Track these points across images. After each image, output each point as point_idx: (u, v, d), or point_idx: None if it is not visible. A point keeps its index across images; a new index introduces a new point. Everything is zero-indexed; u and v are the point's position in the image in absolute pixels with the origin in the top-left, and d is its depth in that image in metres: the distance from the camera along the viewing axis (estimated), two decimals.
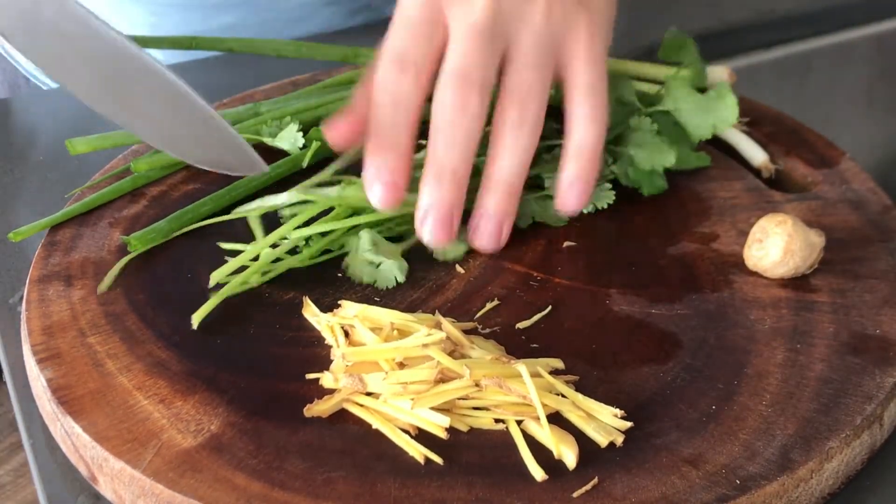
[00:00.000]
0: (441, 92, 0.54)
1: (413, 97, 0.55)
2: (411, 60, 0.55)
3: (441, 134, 0.54)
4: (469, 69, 0.54)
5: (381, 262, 0.57)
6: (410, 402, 0.47)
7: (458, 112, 0.54)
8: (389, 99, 0.55)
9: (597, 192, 0.62)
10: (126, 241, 0.58)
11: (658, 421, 0.48)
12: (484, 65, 0.55)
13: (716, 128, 0.65)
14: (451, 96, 0.54)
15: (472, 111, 0.54)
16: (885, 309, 0.55)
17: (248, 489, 0.45)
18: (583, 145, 0.57)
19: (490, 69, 0.55)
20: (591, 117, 0.57)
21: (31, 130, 0.77)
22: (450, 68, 0.55)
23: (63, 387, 0.50)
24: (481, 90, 0.54)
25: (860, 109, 0.99)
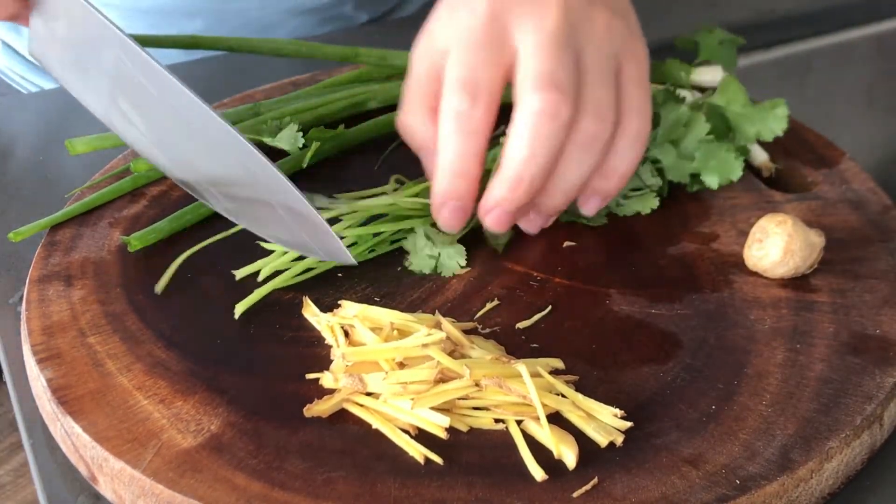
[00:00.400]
0: (529, 98, 0.52)
1: (486, 126, 0.53)
2: (483, 87, 0.53)
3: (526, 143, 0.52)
4: (557, 73, 0.52)
5: (440, 253, 0.57)
6: (410, 402, 0.47)
7: (549, 120, 0.52)
8: (463, 128, 0.53)
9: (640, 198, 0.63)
10: (126, 241, 0.58)
11: (658, 421, 0.48)
12: (569, 68, 0.53)
13: (760, 135, 0.65)
14: (542, 104, 0.52)
15: (563, 118, 0.52)
16: (885, 309, 0.55)
17: (248, 489, 0.45)
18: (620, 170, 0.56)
19: (573, 73, 0.53)
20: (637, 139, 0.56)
21: (30, 130, 0.77)
22: (534, 75, 0.52)
23: (63, 387, 0.50)
24: (571, 97, 0.53)
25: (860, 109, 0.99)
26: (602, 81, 0.54)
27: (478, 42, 0.53)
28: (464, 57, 0.53)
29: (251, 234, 0.60)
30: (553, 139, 0.53)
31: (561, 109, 0.52)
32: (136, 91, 0.56)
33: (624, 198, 0.63)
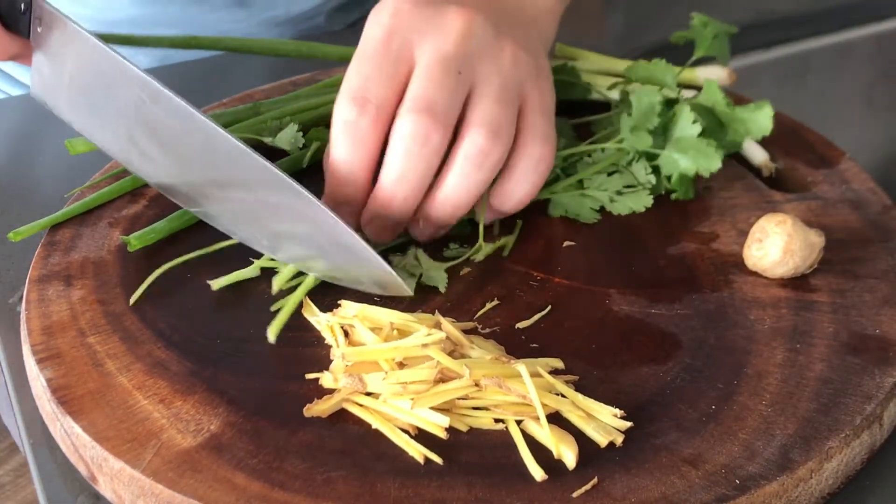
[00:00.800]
0: (402, 120, 0.53)
1: (373, 136, 0.54)
2: (372, 99, 0.54)
3: (398, 162, 0.54)
4: (434, 101, 0.53)
5: (421, 275, 0.57)
6: (410, 402, 0.47)
7: (419, 144, 0.53)
8: (350, 137, 0.54)
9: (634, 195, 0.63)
10: (125, 241, 0.58)
11: (658, 421, 0.48)
12: (452, 96, 0.54)
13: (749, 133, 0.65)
14: (412, 127, 0.53)
15: (433, 144, 0.54)
16: (884, 309, 0.55)
17: (248, 489, 0.45)
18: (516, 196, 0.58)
19: (456, 104, 0.54)
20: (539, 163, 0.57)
21: (30, 130, 0.77)
22: (413, 97, 0.53)
23: (63, 387, 0.50)
24: (443, 125, 0.54)
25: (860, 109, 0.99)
26: (500, 101, 0.55)
27: (375, 54, 0.54)
28: (358, 67, 0.55)
29: None
30: (423, 162, 0.54)
31: (431, 135, 0.53)
32: (158, 128, 0.56)
33: (618, 194, 0.63)
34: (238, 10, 0.88)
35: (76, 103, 0.60)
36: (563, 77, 0.70)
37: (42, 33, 0.57)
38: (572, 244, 0.60)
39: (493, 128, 0.54)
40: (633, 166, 0.63)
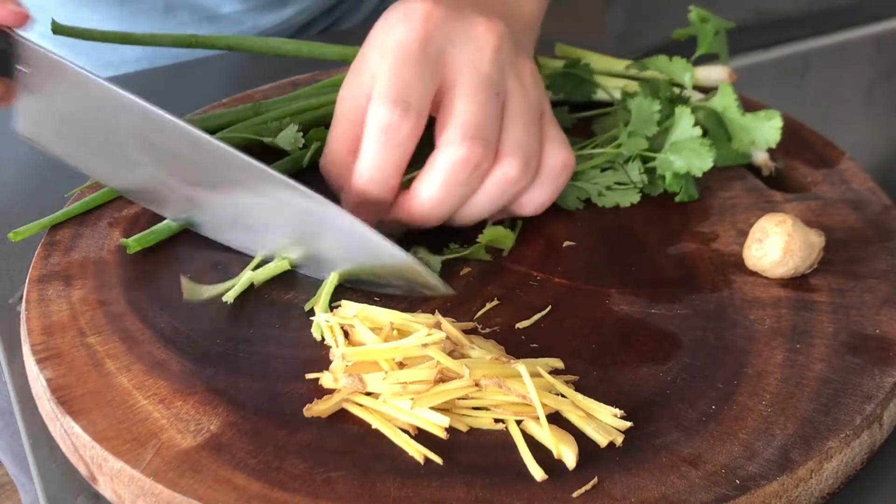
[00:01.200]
0: (453, 147, 0.53)
1: (411, 141, 0.54)
2: (414, 103, 0.53)
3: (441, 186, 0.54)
4: (483, 128, 0.54)
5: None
6: (410, 402, 0.47)
7: (469, 170, 0.54)
8: (389, 141, 0.54)
9: (623, 192, 0.63)
10: (125, 243, 0.58)
11: (658, 421, 0.48)
12: (493, 120, 0.54)
13: (756, 143, 0.65)
14: (465, 154, 0.53)
15: (480, 172, 0.54)
16: (884, 309, 0.55)
17: (248, 489, 0.45)
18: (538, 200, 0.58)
19: (496, 124, 0.55)
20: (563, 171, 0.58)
21: None
22: (464, 123, 0.54)
23: (63, 387, 0.50)
24: (492, 152, 0.54)
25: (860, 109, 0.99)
26: (526, 125, 0.56)
27: (413, 58, 0.54)
28: (398, 70, 0.53)
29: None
30: (466, 187, 0.55)
31: (482, 162, 0.54)
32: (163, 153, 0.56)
33: (607, 188, 0.63)
34: (207, 26, 0.88)
35: (68, 138, 0.59)
36: (577, 72, 0.70)
37: (28, 73, 0.56)
38: (572, 244, 0.60)
39: (525, 158, 0.55)
40: (627, 165, 0.64)
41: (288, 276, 0.57)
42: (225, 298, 0.55)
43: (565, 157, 0.58)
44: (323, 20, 0.97)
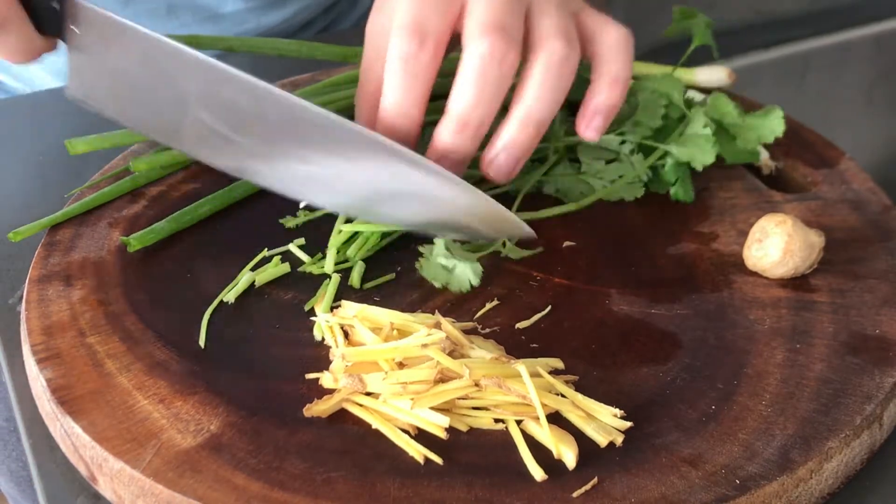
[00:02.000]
0: (476, 43, 0.53)
1: (431, 70, 0.54)
2: (431, 32, 0.53)
3: (472, 86, 0.53)
4: (504, 20, 0.53)
5: (455, 266, 0.56)
6: (410, 402, 0.47)
7: (495, 64, 0.53)
8: (408, 71, 0.53)
9: (628, 186, 0.63)
10: (125, 241, 0.58)
11: (658, 421, 0.48)
12: (517, 16, 0.54)
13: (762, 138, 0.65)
14: (488, 48, 0.52)
15: (509, 63, 0.53)
16: (884, 309, 0.55)
17: (248, 489, 0.45)
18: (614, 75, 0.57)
19: (521, 22, 0.54)
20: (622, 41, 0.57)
21: (30, 130, 0.77)
22: (482, 20, 0.53)
23: (63, 387, 0.50)
24: (517, 44, 0.53)
25: (860, 109, 0.99)
26: (558, 15, 0.55)
27: None
28: (414, 3, 0.53)
29: (249, 234, 0.60)
30: (497, 84, 0.53)
31: (507, 54, 0.53)
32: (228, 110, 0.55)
33: (611, 182, 0.64)
34: (210, 26, 0.88)
35: (122, 98, 0.59)
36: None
37: (80, 33, 0.56)
38: (572, 244, 0.60)
39: (567, 34, 0.54)
40: (632, 157, 0.64)
41: (288, 277, 0.57)
42: (225, 299, 0.55)
43: (618, 30, 0.57)
44: (321, 19, 0.97)
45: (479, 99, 0.53)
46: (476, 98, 0.53)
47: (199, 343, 0.53)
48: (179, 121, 0.57)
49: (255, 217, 0.62)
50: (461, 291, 0.56)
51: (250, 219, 0.62)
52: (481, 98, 0.53)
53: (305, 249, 0.59)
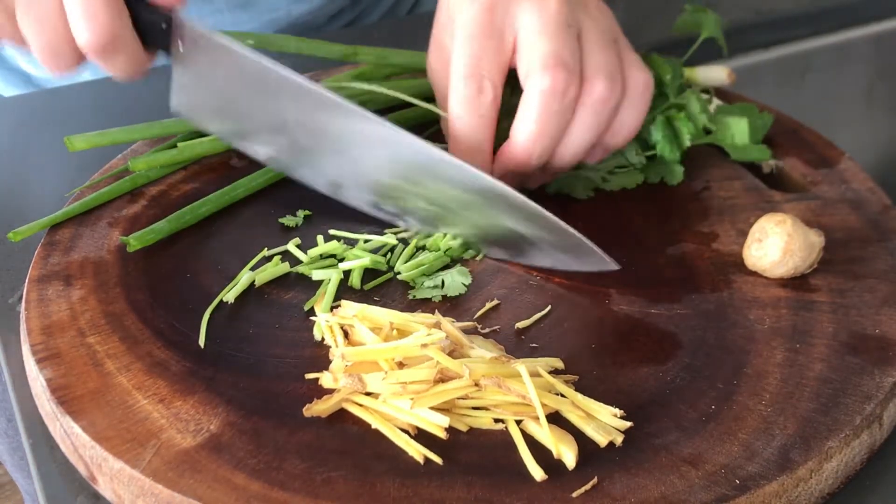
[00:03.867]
0: (538, 78, 0.55)
1: (493, 109, 0.57)
2: (487, 77, 0.56)
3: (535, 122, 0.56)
4: (562, 53, 0.55)
5: (442, 279, 0.57)
6: (410, 401, 0.47)
7: (558, 98, 0.55)
8: (473, 113, 0.56)
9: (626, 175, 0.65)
10: (125, 241, 0.58)
11: (657, 421, 0.48)
12: (573, 48, 0.56)
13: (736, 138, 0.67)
14: (550, 83, 0.55)
15: (570, 96, 0.56)
16: (884, 309, 0.55)
17: (248, 489, 0.45)
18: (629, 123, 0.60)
19: (577, 52, 0.56)
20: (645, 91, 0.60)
21: (30, 130, 0.77)
22: (542, 55, 0.55)
23: (62, 387, 0.50)
24: (577, 75, 0.55)
25: (860, 109, 0.99)
26: (604, 49, 0.57)
27: (480, 32, 0.56)
28: (467, 48, 0.56)
29: (249, 234, 0.60)
30: (561, 116, 0.56)
31: (569, 87, 0.55)
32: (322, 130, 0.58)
33: (609, 173, 0.65)
34: (241, 13, 0.89)
35: (223, 115, 0.61)
36: None
37: (185, 51, 0.57)
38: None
39: (609, 75, 0.57)
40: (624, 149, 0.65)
41: (288, 277, 0.57)
42: (225, 298, 0.55)
43: (645, 76, 0.59)
44: (349, 12, 0.97)
45: (542, 132, 0.56)
46: (540, 132, 0.56)
47: (199, 343, 0.53)
48: (276, 140, 0.60)
49: (255, 217, 0.62)
50: (460, 294, 0.56)
51: (250, 219, 0.62)
52: (545, 131, 0.56)
53: (303, 249, 0.59)
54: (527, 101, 0.56)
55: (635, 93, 0.59)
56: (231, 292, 0.55)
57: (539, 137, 0.56)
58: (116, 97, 0.80)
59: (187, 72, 0.58)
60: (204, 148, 0.65)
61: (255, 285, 0.56)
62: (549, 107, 0.55)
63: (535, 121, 0.56)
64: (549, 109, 0.55)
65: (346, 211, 0.63)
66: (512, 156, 0.57)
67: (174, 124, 0.67)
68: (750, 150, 0.66)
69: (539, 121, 0.56)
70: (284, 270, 0.57)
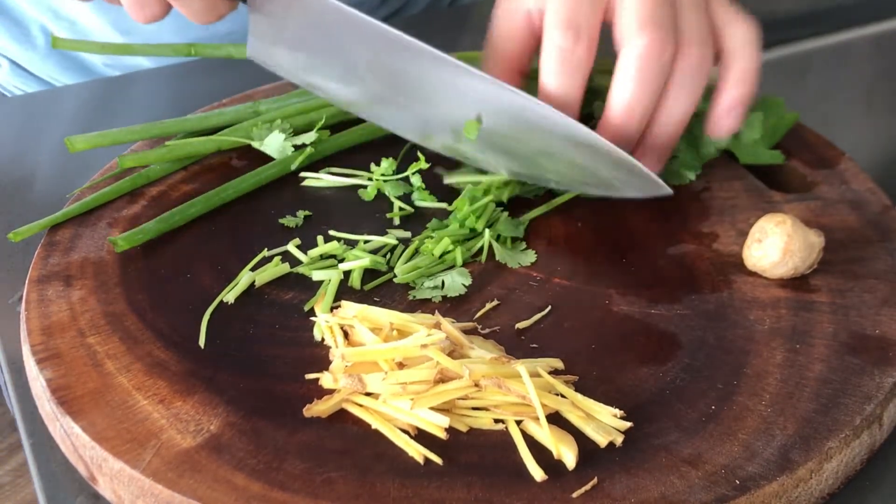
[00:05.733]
0: (634, 39, 0.55)
1: (587, 62, 0.56)
2: (585, 27, 0.56)
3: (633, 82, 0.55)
4: (658, 14, 0.55)
5: (442, 280, 0.57)
6: (410, 402, 0.47)
7: (655, 59, 0.55)
8: (566, 64, 0.56)
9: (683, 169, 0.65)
10: (112, 241, 0.58)
11: (657, 421, 0.48)
12: (667, 9, 0.56)
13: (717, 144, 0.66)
14: (647, 44, 0.55)
15: (667, 57, 0.55)
16: (884, 309, 0.55)
17: (248, 489, 0.45)
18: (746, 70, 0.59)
19: (673, 12, 0.56)
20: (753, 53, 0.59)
21: (30, 130, 0.77)
22: (639, 16, 0.55)
23: (62, 387, 0.50)
24: (673, 36, 0.55)
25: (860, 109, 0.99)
26: (697, 13, 0.57)
27: None
28: None
29: (249, 234, 0.60)
30: (658, 78, 0.56)
31: (665, 48, 0.55)
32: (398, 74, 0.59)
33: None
34: None
35: (298, 60, 0.62)
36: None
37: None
38: (572, 244, 0.60)
39: (704, 39, 0.57)
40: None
41: (288, 277, 0.57)
42: (225, 299, 0.55)
43: (748, 25, 0.59)
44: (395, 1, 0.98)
45: (641, 94, 0.56)
46: (638, 93, 0.56)
47: (199, 343, 0.53)
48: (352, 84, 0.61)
49: (254, 217, 0.62)
50: (459, 295, 0.56)
51: (250, 219, 0.62)
52: (644, 92, 0.56)
53: (303, 249, 0.59)
54: (623, 64, 0.56)
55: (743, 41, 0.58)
56: (231, 292, 0.55)
57: (638, 100, 0.56)
58: (116, 97, 0.80)
59: (263, 17, 0.60)
60: (194, 147, 0.65)
61: (255, 286, 0.56)
62: (646, 69, 0.55)
63: (634, 81, 0.55)
64: (646, 72, 0.55)
65: (346, 211, 0.63)
66: (610, 123, 0.57)
67: (174, 124, 0.67)
68: (761, 153, 0.66)
69: (637, 82, 0.55)
70: (284, 271, 0.57)
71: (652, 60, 0.55)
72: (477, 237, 0.59)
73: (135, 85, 0.83)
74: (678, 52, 0.56)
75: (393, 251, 0.59)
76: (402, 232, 0.60)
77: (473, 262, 0.59)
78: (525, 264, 0.58)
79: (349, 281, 0.57)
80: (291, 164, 0.64)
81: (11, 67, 0.93)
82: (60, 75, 0.92)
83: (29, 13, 0.89)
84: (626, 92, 0.56)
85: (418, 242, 0.59)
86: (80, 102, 0.79)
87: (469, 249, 0.59)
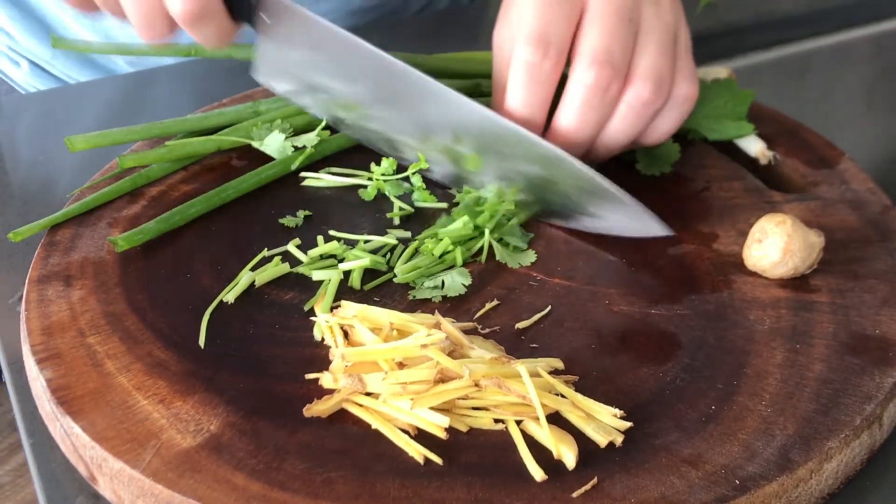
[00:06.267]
0: (584, 71, 0.56)
1: (553, 78, 0.57)
2: (553, 42, 0.56)
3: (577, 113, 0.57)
4: (613, 49, 0.56)
5: (442, 279, 0.57)
6: (410, 402, 0.47)
7: (599, 94, 0.56)
8: (532, 79, 0.57)
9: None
10: (112, 241, 0.58)
11: (657, 421, 0.48)
12: (626, 45, 0.56)
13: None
14: (594, 79, 0.56)
15: (612, 94, 0.56)
16: (884, 309, 0.55)
17: (248, 489, 0.45)
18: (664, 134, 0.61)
19: (629, 50, 0.57)
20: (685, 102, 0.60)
21: (30, 131, 0.77)
22: (593, 48, 0.56)
23: (62, 387, 0.50)
24: (622, 74, 0.56)
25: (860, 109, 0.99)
26: (663, 51, 0.58)
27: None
28: (537, 9, 0.57)
29: (249, 234, 0.60)
30: (600, 111, 0.57)
31: (611, 85, 0.56)
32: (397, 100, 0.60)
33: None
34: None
35: (303, 84, 0.64)
36: None
37: (271, 23, 0.60)
38: (573, 244, 0.60)
39: (657, 80, 0.57)
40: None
41: (288, 277, 0.57)
42: (225, 299, 0.55)
43: (691, 89, 0.60)
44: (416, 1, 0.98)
45: (580, 125, 0.57)
46: (580, 124, 0.57)
47: (199, 343, 0.53)
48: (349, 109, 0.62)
49: (254, 217, 0.62)
50: (459, 295, 0.56)
51: (250, 219, 0.62)
52: (583, 124, 0.57)
53: (303, 249, 0.59)
54: (570, 91, 0.57)
55: (675, 102, 0.60)
56: (231, 292, 0.55)
57: (579, 129, 0.58)
58: (116, 97, 0.80)
59: (271, 43, 0.61)
60: (194, 147, 0.65)
61: (255, 286, 0.56)
62: (590, 101, 0.56)
63: (576, 112, 0.57)
64: (589, 103, 0.57)
65: (346, 211, 0.63)
66: (555, 140, 0.58)
67: (174, 124, 0.67)
68: (727, 127, 0.67)
69: (580, 112, 0.57)
70: (284, 271, 0.57)
71: (597, 94, 0.56)
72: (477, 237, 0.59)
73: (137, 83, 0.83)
74: (629, 86, 0.57)
75: (393, 251, 0.59)
76: (402, 232, 0.60)
77: (473, 262, 0.59)
78: (525, 264, 0.58)
79: (349, 281, 0.57)
80: (291, 164, 0.64)
81: (31, 67, 0.93)
82: (80, 74, 0.92)
83: (52, 11, 0.89)
84: (569, 119, 0.57)
85: (418, 242, 0.59)
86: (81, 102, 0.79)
87: (469, 249, 0.59)
